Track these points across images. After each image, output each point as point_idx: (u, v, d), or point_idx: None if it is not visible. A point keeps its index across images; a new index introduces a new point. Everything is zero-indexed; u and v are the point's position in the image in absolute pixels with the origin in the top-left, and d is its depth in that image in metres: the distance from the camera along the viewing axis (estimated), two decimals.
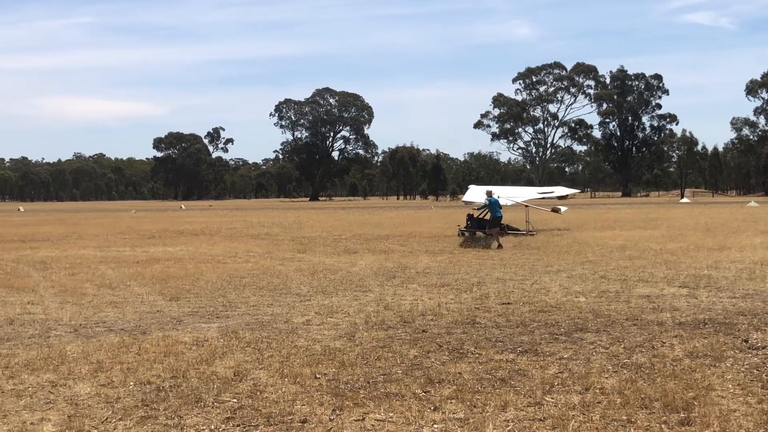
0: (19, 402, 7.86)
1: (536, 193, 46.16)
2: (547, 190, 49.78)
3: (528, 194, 43.80)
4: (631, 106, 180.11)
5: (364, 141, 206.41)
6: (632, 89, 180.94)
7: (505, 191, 40.61)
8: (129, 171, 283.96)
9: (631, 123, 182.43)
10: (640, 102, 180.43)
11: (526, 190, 48.38)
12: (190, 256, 24.85)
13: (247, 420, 7.18)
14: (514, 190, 44.43)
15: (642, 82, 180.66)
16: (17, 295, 16.14)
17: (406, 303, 14.12)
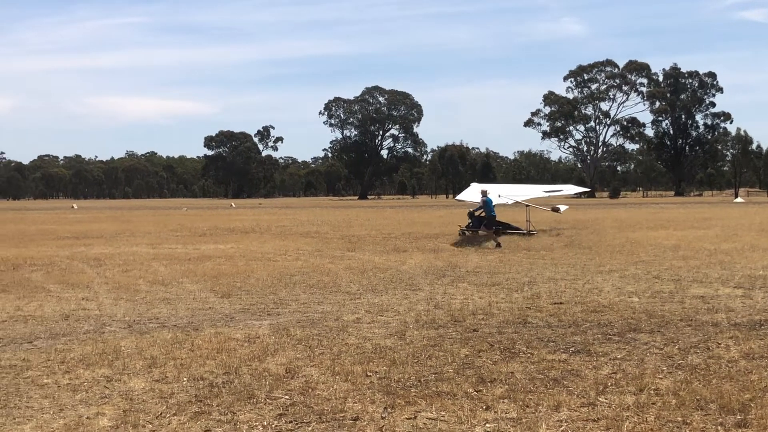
0: (75, 396, 7.97)
1: (542, 192, 45.60)
2: (555, 188, 49.24)
3: (533, 193, 43.29)
4: (685, 104, 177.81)
5: (413, 139, 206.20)
6: (685, 87, 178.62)
7: (510, 190, 40.48)
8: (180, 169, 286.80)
9: (685, 121, 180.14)
10: (693, 100, 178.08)
11: (532, 188, 47.93)
12: (240, 254, 25.03)
13: (299, 417, 7.20)
14: (518, 188, 44.14)
15: (696, 80, 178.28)
16: (72, 291, 16.38)
17: (456, 302, 14.08)
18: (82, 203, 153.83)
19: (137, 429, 6.89)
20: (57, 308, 13.99)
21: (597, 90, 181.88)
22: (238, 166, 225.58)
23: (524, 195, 38.78)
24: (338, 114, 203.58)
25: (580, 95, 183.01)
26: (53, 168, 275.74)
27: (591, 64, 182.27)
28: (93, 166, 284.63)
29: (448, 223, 46.41)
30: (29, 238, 35.79)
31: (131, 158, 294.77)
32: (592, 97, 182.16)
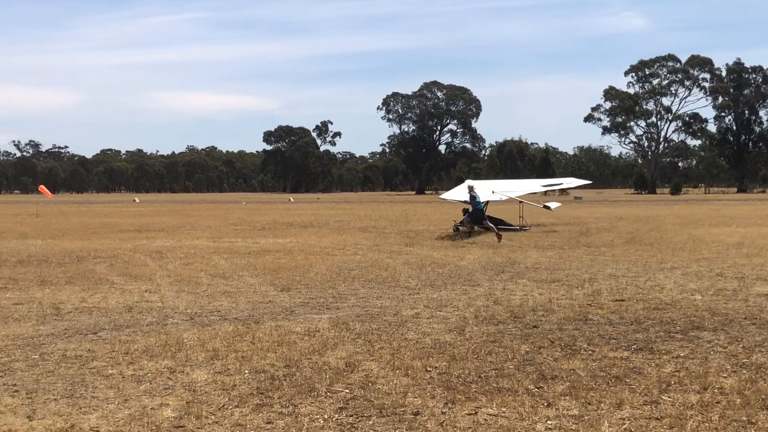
0: (139, 387, 8.09)
1: (540, 186, 45.20)
2: (555, 182, 48.78)
3: (530, 187, 43.23)
4: (748, 100, 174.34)
5: (472, 134, 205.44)
6: (749, 82, 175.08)
7: (505, 186, 40.24)
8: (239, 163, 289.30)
9: (748, 117, 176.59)
10: (757, 95, 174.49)
11: (529, 183, 47.41)
12: (299, 248, 25.18)
13: (359, 411, 7.23)
14: (515, 184, 43.74)
15: (759, 75, 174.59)
16: (135, 283, 16.63)
17: (516, 298, 14.00)
18: (144, 197, 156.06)
19: (200, 420, 6.97)
20: (121, 300, 14.22)
21: (659, 85, 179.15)
22: (297, 161, 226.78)
23: (519, 191, 38.86)
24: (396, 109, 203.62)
25: (642, 90, 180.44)
26: (116, 162, 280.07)
27: (652, 58, 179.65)
28: (154, 160, 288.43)
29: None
30: (93, 230, 36.43)
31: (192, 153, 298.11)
32: (654, 93, 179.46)
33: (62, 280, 17.06)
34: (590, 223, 39.85)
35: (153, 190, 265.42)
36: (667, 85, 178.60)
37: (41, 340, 10.60)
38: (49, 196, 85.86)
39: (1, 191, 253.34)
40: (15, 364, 9.11)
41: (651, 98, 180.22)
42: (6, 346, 10.15)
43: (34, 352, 9.80)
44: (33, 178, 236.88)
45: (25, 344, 10.30)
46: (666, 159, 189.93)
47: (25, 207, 77.90)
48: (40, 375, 8.61)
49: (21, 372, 8.75)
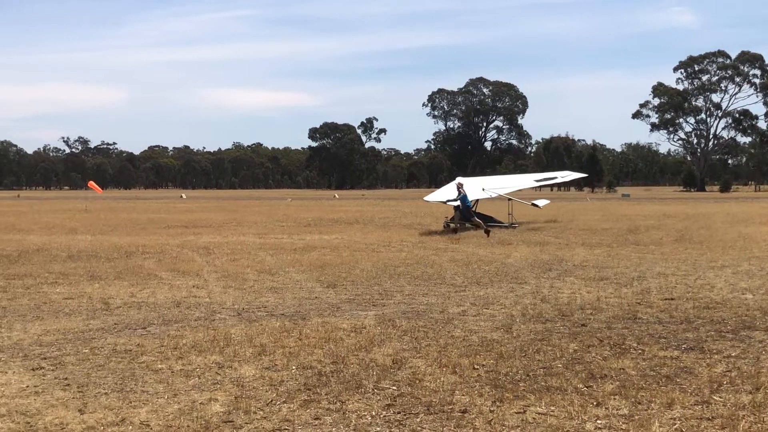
0: (188, 382, 8.15)
1: (533, 181, 44.80)
2: (549, 176, 48.30)
3: (523, 183, 43.32)
4: None
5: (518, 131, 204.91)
6: None
7: (496, 182, 40.29)
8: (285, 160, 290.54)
9: None
10: None
11: (522, 178, 47.48)
12: (345, 245, 25.23)
13: (407, 408, 7.21)
14: (507, 180, 43.51)
15: None
16: (183, 278, 16.77)
17: (563, 296, 13.89)
18: (190, 193, 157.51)
19: (249, 415, 7.00)
20: (169, 295, 14.35)
21: (708, 81, 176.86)
22: (342, 157, 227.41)
23: (510, 187, 38.97)
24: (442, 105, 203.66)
25: (691, 87, 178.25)
26: (163, 158, 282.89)
27: (702, 54, 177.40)
28: (201, 156, 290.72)
29: (554, 216, 45.88)
30: (141, 226, 36.83)
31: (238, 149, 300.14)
32: (703, 89, 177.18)
33: (111, 276, 17.26)
34: (638, 220, 39.43)
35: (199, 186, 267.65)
36: (717, 81, 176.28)
37: (91, 334, 10.73)
38: (99, 192, 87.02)
39: (51, 187, 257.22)
40: (66, 358, 9.23)
41: (700, 95, 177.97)
42: (57, 341, 10.29)
43: (85, 346, 9.92)
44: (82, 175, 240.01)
45: (75, 338, 10.43)
46: (715, 156, 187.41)
47: (74, 203, 79.00)
48: (90, 369, 8.71)
49: (72, 366, 8.86)
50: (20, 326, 11.33)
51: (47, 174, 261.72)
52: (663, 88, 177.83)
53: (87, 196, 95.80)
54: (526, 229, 32.85)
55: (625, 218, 42.27)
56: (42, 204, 79.06)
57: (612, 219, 41.63)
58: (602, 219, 41.48)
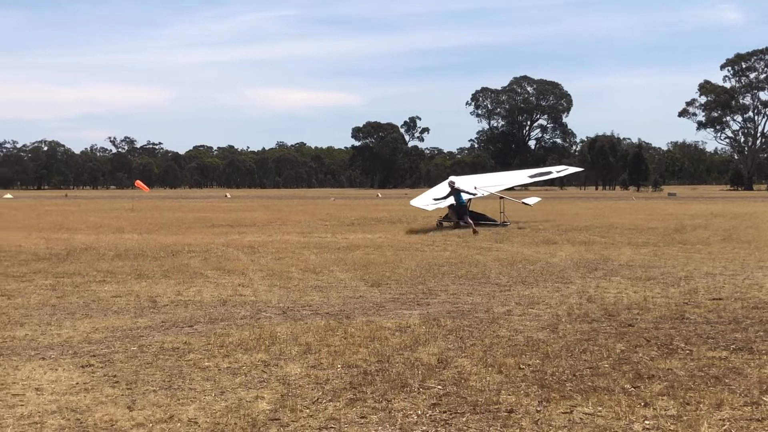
0: (234, 380, 8.21)
1: (527, 177, 44.46)
2: (543, 170, 47.90)
3: (517, 179, 43.74)
4: None
5: (562, 130, 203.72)
6: None
7: (488, 180, 40.47)
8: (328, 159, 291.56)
9: None
10: None
11: (516, 175, 47.23)
12: (388, 244, 25.25)
13: (453, 407, 7.20)
14: (500, 177, 43.49)
15: None
16: (228, 277, 16.89)
17: (609, 296, 13.78)
18: (235, 192, 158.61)
19: (295, 413, 7.03)
20: (215, 294, 14.46)
21: (756, 79, 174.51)
22: (385, 156, 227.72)
23: (504, 185, 39.61)
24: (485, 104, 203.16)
25: (738, 84, 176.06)
26: (208, 158, 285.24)
27: (750, 52, 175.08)
28: (245, 156, 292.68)
29: (599, 215, 45.58)
30: (187, 225, 37.15)
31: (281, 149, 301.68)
32: (751, 87, 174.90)
33: (158, 274, 17.43)
34: (685, 219, 39.00)
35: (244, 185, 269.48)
36: (765, 79, 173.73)
37: (139, 332, 10.85)
38: (146, 191, 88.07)
39: (98, 186, 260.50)
40: (115, 356, 9.34)
41: (748, 92, 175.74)
42: (106, 338, 10.42)
43: (133, 343, 10.03)
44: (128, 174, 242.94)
45: (123, 336, 10.55)
46: (763, 155, 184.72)
47: (121, 202, 79.93)
48: (139, 366, 8.81)
49: (120, 363, 8.97)
50: (69, 324, 11.48)
51: (94, 174, 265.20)
52: (710, 86, 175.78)
53: (134, 196, 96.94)
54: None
55: (672, 217, 41.84)
56: (89, 203, 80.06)
57: (658, 218, 41.23)
58: (648, 218, 41.08)
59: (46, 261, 20.13)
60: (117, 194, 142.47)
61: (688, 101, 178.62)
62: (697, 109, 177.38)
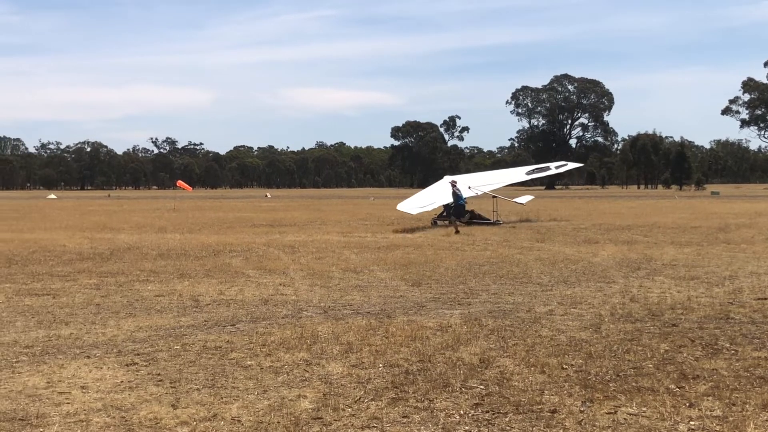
0: (277, 378, 8.24)
1: (524, 174, 44.67)
2: (542, 167, 47.93)
3: (514, 177, 44.07)
4: None
5: (604, 128, 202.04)
6: None
7: (483, 179, 41.07)
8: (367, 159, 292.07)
9: None
10: None
11: (512, 173, 47.72)
12: (429, 243, 25.20)
13: (495, 407, 7.16)
14: (495, 176, 43.70)
15: None
16: (269, 276, 16.96)
17: (653, 295, 13.64)
18: (275, 192, 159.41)
19: (337, 412, 7.04)
20: (256, 293, 14.53)
21: None
22: (424, 156, 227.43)
23: (498, 183, 40.40)
24: (526, 103, 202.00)
25: None
26: (248, 158, 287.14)
27: None
28: (285, 156, 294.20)
29: (641, 214, 45.19)
30: (228, 225, 37.40)
31: (321, 149, 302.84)
32: None
33: (200, 273, 17.56)
34: (729, 218, 38.52)
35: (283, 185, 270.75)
36: None
37: (182, 331, 10.93)
38: (189, 190, 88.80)
39: (140, 187, 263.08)
40: (158, 354, 9.42)
41: None
42: (149, 337, 10.51)
43: (176, 342, 10.11)
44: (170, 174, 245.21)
45: (167, 335, 10.64)
46: None
47: (163, 202, 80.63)
48: (182, 365, 8.87)
49: (164, 362, 9.04)
50: (114, 323, 11.60)
51: (136, 174, 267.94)
52: (753, 84, 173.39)
53: (175, 196, 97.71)
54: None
55: (715, 216, 41.36)
56: (131, 203, 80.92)
57: (701, 217, 40.78)
58: (691, 217, 40.64)
59: (90, 260, 20.37)
60: (159, 194, 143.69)
61: (731, 99, 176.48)
62: (740, 107, 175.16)
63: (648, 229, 31.27)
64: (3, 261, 20.20)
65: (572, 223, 36.43)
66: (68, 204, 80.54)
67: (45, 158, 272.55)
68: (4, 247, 24.19)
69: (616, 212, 48.55)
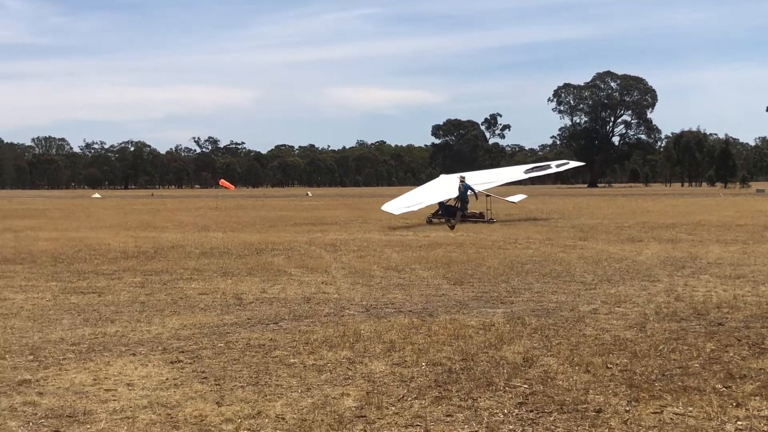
0: (320, 376, 8.26)
1: (522, 172, 45.17)
2: (542, 165, 47.82)
3: (512, 175, 44.63)
4: None
5: (647, 125, 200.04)
6: None
7: (479, 177, 41.10)
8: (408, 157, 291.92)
9: None
10: None
11: (510, 171, 48.13)
12: (470, 242, 25.13)
13: (539, 406, 7.13)
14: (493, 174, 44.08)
15: None
16: (312, 275, 17.01)
17: (698, 294, 13.49)
18: (316, 191, 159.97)
19: (381, 411, 7.05)
20: (299, 291, 14.58)
21: None
22: (465, 154, 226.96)
23: (495, 182, 41.24)
24: (568, 100, 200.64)
25: None
26: (289, 157, 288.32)
27: None
28: (326, 155, 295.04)
29: (685, 212, 44.72)
30: (270, 223, 37.59)
31: (362, 147, 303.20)
32: None
33: (243, 272, 17.66)
34: None
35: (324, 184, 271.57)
36: None
37: (226, 329, 11.00)
38: (231, 189, 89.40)
39: (182, 186, 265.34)
40: (203, 352, 9.49)
41: None
42: (194, 335, 10.59)
43: (220, 340, 10.17)
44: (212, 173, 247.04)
45: (211, 333, 10.71)
46: None
47: (205, 201, 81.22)
48: (226, 363, 8.93)
49: (209, 359, 9.10)
50: (158, 320, 11.71)
51: (179, 173, 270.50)
52: None
53: (217, 195, 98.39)
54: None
55: (761, 214, 40.83)
56: (174, 202, 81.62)
57: (747, 215, 40.25)
58: (736, 215, 40.12)
59: (134, 259, 20.59)
60: (201, 193, 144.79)
61: None
62: None
63: (692, 227, 30.94)
64: (49, 259, 20.48)
65: (615, 221, 36.14)
66: (112, 203, 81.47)
67: (89, 158, 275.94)
68: (50, 246, 24.54)
69: (660, 210, 48.09)
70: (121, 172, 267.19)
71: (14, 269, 18.48)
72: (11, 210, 60.00)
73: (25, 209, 62.06)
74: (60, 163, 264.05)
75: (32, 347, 9.89)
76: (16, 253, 22.40)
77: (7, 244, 25.39)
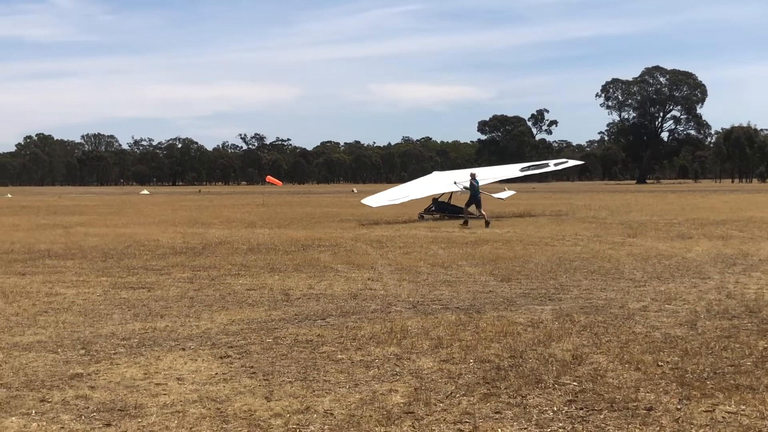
0: (368, 373, 8.27)
1: (518, 171, 45.00)
2: (540, 163, 47.29)
3: (507, 173, 44.84)
4: None
5: (696, 121, 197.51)
6: None
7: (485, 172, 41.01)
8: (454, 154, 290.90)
9: None
10: None
11: (505, 169, 48.11)
12: (517, 238, 24.99)
13: (589, 404, 7.07)
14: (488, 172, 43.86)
15: None
16: (358, 271, 17.03)
17: (750, 292, 13.28)
18: (361, 187, 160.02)
19: (429, 407, 7.04)
20: (345, 287, 14.60)
21: None
22: (511, 150, 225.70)
23: (487, 179, 40.51)
24: (616, 96, 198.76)
25: None
26: (335, 154, 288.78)
27: None
28: (371, 151, 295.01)
29: (736, 208, 44.09)
30: (316, 220, 37.70)
31: (407, 144, 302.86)
32: None
33: (290, 268, 17.74)
34: None
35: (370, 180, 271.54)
36: None
37: (274, 324, 11.06)
38: (279, 185, 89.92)
39: (229, 182, 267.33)
40: (251, 347, 9.55)
41: None
42: (242, 330, 10.66)
43: (268, 335, 10.23)
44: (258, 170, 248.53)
45: (259, 328, 10.77)
46: None
47: (252, 197, 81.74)
48: (274, 358, 8.98)
49: (257, 355, 9.16)
50: (207, 316, 11.81)
51: (226, 170, 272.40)
52: None
53: (264, 191, 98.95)
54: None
55: None
56: (222, 198, 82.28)
57: None
58: None
59: (182, 255, 20.78)
60: (248, 190, 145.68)
61: None
62: None
63: (743, 223, 30.48)
64: (99, 255, 20.75)
65: (664, 218, 35.72)
66: (160, 199, 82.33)
67: (138, 155, 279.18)
68: (100, 242, 24.86)
69: (709, 207, 47.46)
70: (169, 169, 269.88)
71: (65, 265, 18.74)
72: (62, 206, 60.89)
73: (75, 205, 62.97)
74: (109, 159, 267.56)
75: (84, 341, 10.03)
76: (66, 248, 22.72)
77: (58, 240, 25.75)
